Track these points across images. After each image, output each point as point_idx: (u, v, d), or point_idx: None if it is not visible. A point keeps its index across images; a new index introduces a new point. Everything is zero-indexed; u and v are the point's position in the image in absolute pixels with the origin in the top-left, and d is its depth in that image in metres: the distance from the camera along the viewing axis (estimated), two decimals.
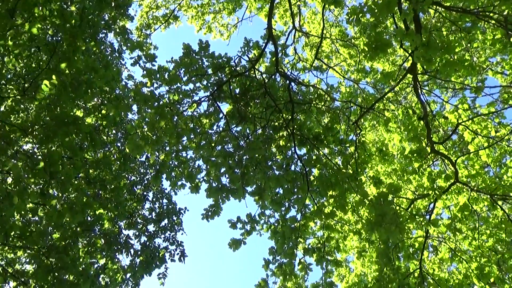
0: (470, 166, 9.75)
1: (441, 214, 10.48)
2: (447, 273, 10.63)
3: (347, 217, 10.84)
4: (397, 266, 7.26)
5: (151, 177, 8.21)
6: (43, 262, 7.10)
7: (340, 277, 15.44)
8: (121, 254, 9.03)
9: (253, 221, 8.03)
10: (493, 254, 8.76)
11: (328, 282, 8.13)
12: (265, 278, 7.95)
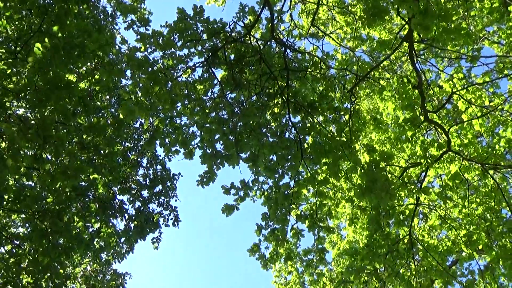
0: (463, 135, 9.80)
1: (432, 183, 10.60)
2: (436, 240, 10.81)
3: (340, 185, 10.95)
4: (387, 232, 7.37)
5: (145, 143, 8.21)
6: (38, 225, 7.15)
7: (331, 244, 15.71)
8: (116, 218, 9.11)
9: (247, 188, 8.10)
10: (482, 222, 8.89)
11: (320, 248, 8.27)
12: (257, 243, 8.06)
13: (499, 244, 8.26)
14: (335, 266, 15.12)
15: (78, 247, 7.60)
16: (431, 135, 11.80)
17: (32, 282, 6.41)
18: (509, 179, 11.68)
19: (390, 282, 7.37)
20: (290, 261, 8.69)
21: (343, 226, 15.27)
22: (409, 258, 7.77)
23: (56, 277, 6.64)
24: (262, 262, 7.97)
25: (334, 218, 12.58)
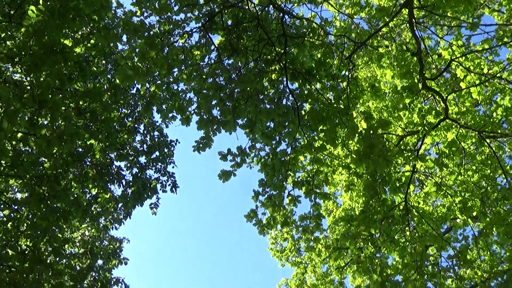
0: (461, 103, 9.79)
1: (429, 150, 10.64)
2: (431, 207, 10.93)
3: (337, 152, 10.98)
4: (383, 198, 7.43)
5: (142, 108, 8.19)
6: (35, 190, 7.18)
7: (327, 211, 15.86)
8: (113, 184, 9.15)
9: (244, 154, 8.11)
10: (477, 189, 8.97)
11: (316, 214, 8.35)
12: (254, 209, 8.13)
13: (493, 211, 8.36)
14: (331, 233, 15.31)
15: (76, 211, 7.66)
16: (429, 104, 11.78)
17: (31, 245, 6.47)
18: (505, 148, 11.75)
19: (385, 248, 7.48)
20: (286, 226, 8.77)
21: (339, 193, 15.39)
22: (404, 224, 7.86)
23: (54, 241, 6.70)
24: (259, 227, 8.05)
25: (330, 185, 12.66)
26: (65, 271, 7.24)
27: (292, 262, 16.39)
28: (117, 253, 8.73)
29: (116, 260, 8.65)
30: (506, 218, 7.96)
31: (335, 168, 9.49)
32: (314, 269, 16.08)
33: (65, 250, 7.87)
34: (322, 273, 15.98)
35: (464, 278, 8.35)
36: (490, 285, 7.68)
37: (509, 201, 8.20)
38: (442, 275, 7.79)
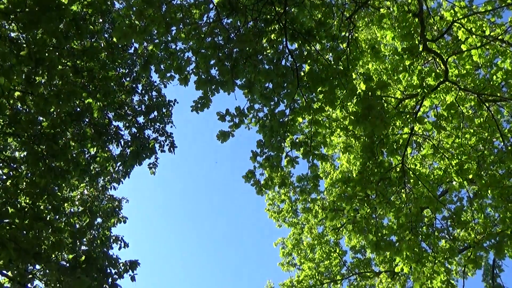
0: (461, 65, 9.71)
1: (427, 113, 10.62)
2: (428, 169, 11.01)
3: (335, 115, 10.97)
4: (380, 160, 7.47)
5: (140, 67, 8.11)
6: (33, 149, 7.19)
7: (324, 174, 15.98)
8: (112, 144, 9.17)
9: (242, 114, 8.10)
10: (474, 152, 9.01)
11: (314, 175, 8.40)
12: (252, 170, 8.17)
13: (489, 174, 8.42)
14: (328, 195, 15.47)
15: (74, 171, 7.69)
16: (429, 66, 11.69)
17: (30, 203, 6.53)
18: (503, 111, 11.73)
19: (381, 209, 7.57)
20: (284, 187, 8.84)
21: (337, 156, 15.48)
22: (400, 186, 7.92)
23: (53, 198, 6.76)
24: (257, 188, 8.11)
25: (328, 147, 12.72)
26: (64, 229, 7.32)
27: (289, 223, 16.63)
28: (116, 212, 8.84)
29: (115, 218, 8.76)
30: (502, 181, 8.04)
31: (333, 130, 9.49)
32: (311, 230, 16.34)
33: (65, 208, 7.94)
34: (318, 233, 16.24)
35: (458, 239, 8.49)
36: (483, 246, 7.82)
37: (505, 164, 8.25)
38: (436, 236, 7.92)
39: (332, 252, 16.21)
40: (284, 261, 17.12)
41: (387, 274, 14.94)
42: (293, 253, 16.92)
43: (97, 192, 9.83)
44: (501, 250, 7.49)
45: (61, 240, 6.34)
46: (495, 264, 13.62)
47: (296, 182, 8.65)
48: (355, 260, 16.56)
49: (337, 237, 16.20)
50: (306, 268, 16.29)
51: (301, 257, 16.61)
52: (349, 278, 16.59)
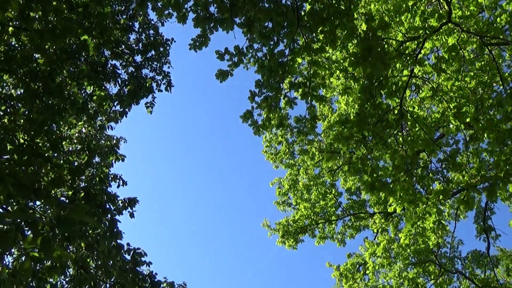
0: (465, 7, 9.50)
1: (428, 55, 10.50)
2: (426, 112, 11.02)
3: (335, 57, 10.83)
4: (379, 102, 7.46)
5: (136, 4, 7.90)
6: (30, 86, 7.14)
7: (322, 116, 15.98)
8: (109, 83, 9.08)
9: (241, 54, 7.99)
10: (473, 95, 8.99)
11: (311, 116, 8.40)
12: (250, 110, 8.15)
13: (487, 117, 8.43)
14: (325, 138, 15.55)
15: (71, 108, 7.66)
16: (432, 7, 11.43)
17: (29, 140, 6.55)
18: (505, 56, 11.60)
19: (377, 150, 7.62)
20: (281, 128, 8.87)
21: (335, 99, 15.42)
22: (397, 128, 7.95)
23: (52, 135, 6.77)
24: (255, 128, 8.13)
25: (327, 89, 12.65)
26: (63, 166, 7.39)
27: (285, 164, 16.80)
28: (114, 150, 8.88)
29: (114, 156, 8.81)
30: (499, 124, 8.06)
31: (333, 71, 9.40)
32: (307, 171, 16.53)
33: (63, 146, 7.96)
34: (315, 175, 16.45)
35: (452, 182, 8.61)
36: (477, 188, 7.95)
37: (503, 108, 8.25)
38: (431, 178, 8.03)
39: (327, 193, 16.49)
40: (280, 201, 17.44)
41: (381, 215, 15.28)
42: (289, 193, 17.22)
43: (95, 131, 9.83)
44: (494, 192, 7.61)
45: (60, 176, 6.41)
46: (487, 206, 13.92)
47: (294, 123, 8.66)
48: (350, 202, 16.89)
49: (333, 179, 16.43)
50: (302, 208, 16.63)
51: (297, 197, 16.91)
52: (343, 218, 16.98)
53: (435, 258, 13.92)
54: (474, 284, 13.76)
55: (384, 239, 14.05)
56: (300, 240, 16.69)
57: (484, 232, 14.03)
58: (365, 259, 14.84)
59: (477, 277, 13.97)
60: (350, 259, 15.81)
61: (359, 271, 15.25)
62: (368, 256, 14.21)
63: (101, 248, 6.92)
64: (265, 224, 17.10)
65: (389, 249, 13.77)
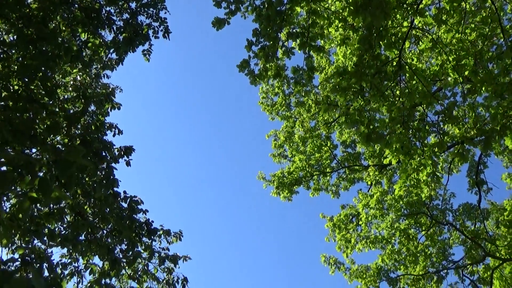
0: None
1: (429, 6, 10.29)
2: (425, 64, 10.92)
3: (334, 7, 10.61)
4: (377, 53, 7.36)
5: None
6: (23, 31, 6.99)
7: (320, 68, 15.83)
8: (104, 30, 8.90)
9: (238, 1, 7.83)
10: (473, 47, 8.88)
11: (309, 67, 8.32)
12: (247, 59, 8.06)
13: (486, 70, 8.37)
14: (322, 90, 15.47)
15: (66, 56, 7.54)
16: None
17: (23, 86, 6.48)
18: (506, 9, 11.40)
19: (374, 102, 7.59)
20: (278, 79, 8.80)
21: (333, 51, 15.24)
22: (395, 80, 7.89)
23: (46, 81, 6.69)
24: (251, 77, 8.06)
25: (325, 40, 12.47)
26: (59, 113, 7.34)
27: (281, 116, 16.79)
28: (110, 98, 8.80)
29: (109, 104, 8.75)
30: (497, 77, 8.01)
31: (332, 21, 9.23)
32: (303, 123, 16.54)
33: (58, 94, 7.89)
34: (310, 127, 16.47)
35: (447, 134, 8.63)
36: (472, 141, 7.98)
37: (502, 61, 8.17)
38: (427, 130, 8.04)
39: (323, 145, 16.58)
40: (276, 153, 17.54)
41: (375, 168, 15.43)
42: (285, 145, 17.29)
43: (90, 79, 9.72)
44: (489, 145, 7.66)
45: (56, 123, 6.37)
46: (480, 160, 14.06)
47: (291, 74, 8.59)
48: (345, 154, 17.01)
49: (328, 132, 16.48)
50: (297, 160, 16.75)
51: (292, 150, 17.01)
52: (338, 171, 17.14)
53: (427, 210, 14.18)
54: (464, 235, 14.09)
55: (377, 191, 14.26)
56: (295, 192, 16.91)
57: (476, 185, 14.24)
58: (358, 210, 15.09)
59: (467, 229, 14.29)
60: (344, 210, 16.07)
61: (352, 222, 15.54)
62: (361, 208, 14.45)
63: (98, 195, 6.99)
64: (260, 176, 17.26)
65: (382, 201, 13.99)
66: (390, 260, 14.27)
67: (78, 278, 7.72)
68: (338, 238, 15.27)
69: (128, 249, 7.56)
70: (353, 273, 14.90)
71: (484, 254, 13.89)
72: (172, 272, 8.56)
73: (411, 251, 14.02)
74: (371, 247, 14.54)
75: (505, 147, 14.95)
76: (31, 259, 6.10)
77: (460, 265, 14.44)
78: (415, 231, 14.38)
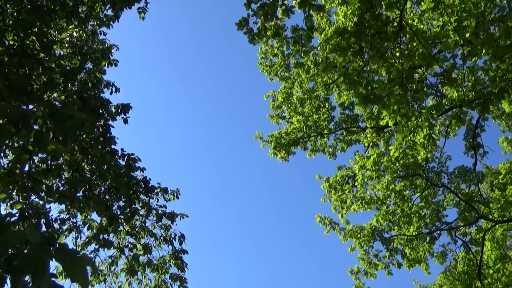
0: None
1: None
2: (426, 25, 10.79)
3: None
4: (378, 13, 7.25)
5: None
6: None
7: (319, 29, 15.62)
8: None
9: None
10: (475, 8, 8.74)
11: (308, 26, 8.19)
12: (246, 17, 7.93)
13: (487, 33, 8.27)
14: (321, 51, 15.31)
15: (61, 10, 7.40)
16: None
17: (19, 41, 6.39)
18: None
19: (374, 62, 7.53)
20: (278, 37, 8.68)
21: (333, 11, 14.99)
22: (395, 41, 7.80)
23: (42, 37, 6.60)
24: (250, 36, 7.95)
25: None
26: (55, 69, 7.27)
27: (280, 76, 16.68)
28: (107, 55, 8.70)
29: (106, 61, 8.65)
30: (498, 40, 7.93)
31: None
32: (301, 84, 16.45)
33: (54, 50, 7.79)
34: (309, 88, 16.39)
35: (446, 97, 8.61)
36: (470, 103, 7.97)
37: (504, 24, 8.06)
38: (425, 92, 8.01)
39: (321, 107, 16.53)
40: (274, 114, 17.52)
41: (373, 130, 15.46)
42: (283, 106, 17.24)
43: (87, 36, 9.58)
44: (486, 107, 7.65)
45: (52, 79, 6.32)
46: (478, 124, 14.08)
47: (290, 33, 8.47)
48: (343, 116, 16.99)
49: (327, 93, 16.41)
50: (294, 121, 16.74)
51: (290, 111, 16.97)
52: (335, 132, 17.16)
53: (422, 172, 14.29)
54: (458, 197, 14.25)
55: (374, 153, 14.32)
56: (292, 153, 16.98)
57: (472, 148, 14.31)
58: (354, 172, 15.19)
59: (461, 192, 14.44)
60: (340, 171, 16.17)
61: (348, 183, 15.67)
62: (357, 169, 14.54)
63: (95, 152, 7.01)
64: (257, 136, 17.29)
65: (378, 162, 14.06)
66: (384, 221, 14.48)
67: (76, 234, 7.85)
68: (334, 199, 15.43)
69: (125, 206, 7.65)
70: (348, 233, 15.14)
71: (477, 216, 14.10)
72: (169, 229, 8.69)
73: (405, 212, 14.21)
74: (366, 208, 14.72)
75: (503, 111, 14.96)
76: (29, 214, 6.17)
77: (453, 227, 14.67)
78: (410, 193, 14.53)
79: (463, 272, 14.46)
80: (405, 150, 13.39)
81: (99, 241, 7.90)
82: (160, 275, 8.73)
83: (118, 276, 8.82)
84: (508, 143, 16.49)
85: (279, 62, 16.39)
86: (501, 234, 15.32)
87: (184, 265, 8.69)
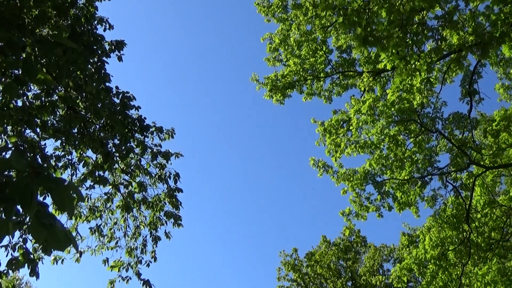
0: None
1: None
2: None
3: None
4: None
5: None
6: None
7: None
8: None
9: None
10: None
11: None
12: None
13: None
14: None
15: None
16: None
17: None
18: None
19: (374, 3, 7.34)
20: None
21: None
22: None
23: None
24: None
25: None
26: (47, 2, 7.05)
27: (277, 18, 16.33)
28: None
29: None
30: None
31: None
32: (299, 26, 16.13)
33: None
34: (307, 30, 16.09)
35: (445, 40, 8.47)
36: (470, 47, 7.85)
37: None
38: (425, 35, 7.87)
39: (318, 50, 16.30)
40: (270, 57, 17.27)
41: (369, 74, 15.32)
42: (279, 48, 16.97)
43: None
44: (486, 51, 7.53)
45: (44, 12, 6.14)
46: (475, 70, 13.97)
47: None
48: (340, 60, 16.79)
49: (324, 36, 16.12)
50: (291, 64, 16.54)
51: (287, 53, 16.73)
52: (332, 76, 17.02)
53: (417, 117, 14.31)
54: (451, 143, 14.36)
55: (370, 98, 14.25)
56: (288, 95, 16.89)
57: (468, 95, 14.26)
58: (349, 116, 15.17)
59: (455, 137, 14.53)
60: (335, 115, 16.14)
61: (343, 127, 15.69)
62: (352, 113, 14.50)
63: (89, 89, 6.92)
64: (253, 78, 17.12)
65: (374, 107, 14.02)
66: (377, 165, 14.63)
67: (72, 170, 7.89)
68: (328, 143, 15.48)
69: (120, 143, 7.66)
70: (341, 176, 15.32)
71: (469, 162, 14.26)
72: (164, 168, 8.75)
73: (398, 157, 14.35)
74: (360, 152, 14.81)
75: (502, 57, 14.81)
76: (24, 149, 6.17)
77: (445, 172, 14.87)
78: (404, 138, 14.62)
79: (451, 216, 14.80)
80: (402, 95, 13.33)
81: (94, 177, 7.96)
82: (155, 212, 8.88)
83: (114, 212, 8.97)
84: (504, 90, 16.46)
85: (277, 3, 16.00)
86: (491, 180, 15.56)
87: (179, 203, 8.83)
